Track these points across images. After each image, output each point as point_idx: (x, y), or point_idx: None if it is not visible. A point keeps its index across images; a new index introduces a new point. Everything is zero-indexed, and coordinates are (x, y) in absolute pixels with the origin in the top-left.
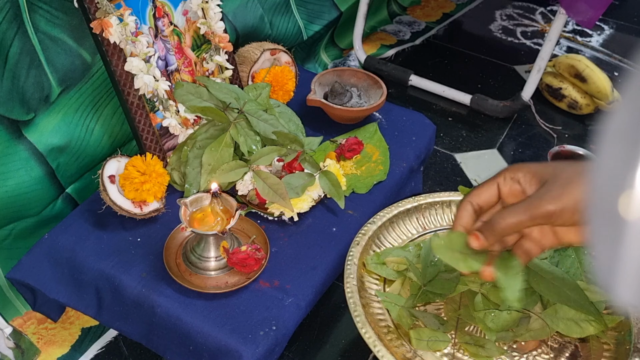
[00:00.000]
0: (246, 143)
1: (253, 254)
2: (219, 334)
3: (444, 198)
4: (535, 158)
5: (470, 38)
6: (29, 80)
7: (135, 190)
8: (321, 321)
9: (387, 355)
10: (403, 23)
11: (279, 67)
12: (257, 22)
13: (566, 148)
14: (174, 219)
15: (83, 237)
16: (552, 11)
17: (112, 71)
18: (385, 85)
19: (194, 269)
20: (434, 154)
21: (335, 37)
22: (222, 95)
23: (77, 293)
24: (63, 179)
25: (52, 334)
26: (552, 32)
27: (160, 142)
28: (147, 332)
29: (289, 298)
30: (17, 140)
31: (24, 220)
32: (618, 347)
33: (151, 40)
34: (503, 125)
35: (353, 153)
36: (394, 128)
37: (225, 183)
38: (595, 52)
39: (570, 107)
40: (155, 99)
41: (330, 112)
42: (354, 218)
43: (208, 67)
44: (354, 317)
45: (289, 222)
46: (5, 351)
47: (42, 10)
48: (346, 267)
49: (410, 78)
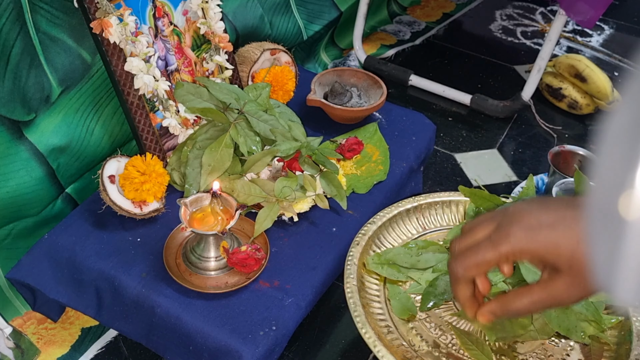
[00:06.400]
0: (246, 144)
1: (253, 254)
2: (219, 334)
3: (444, 198)
4: (535, 158)
5: (470, 38)
6: (30, 81)
7: (135, 190)
8: (321, 321)
9: (387, 356)
10: (403, 23)
11: (279, 67)
12: (257, 22)
13: (566, 148)
14: (174, 219)
15: (83, 237)
16: (552, 11)
17: (112, 71)
18: (385, 85)
19: (194, 269)
20: (434, 154)
21: (335, 37)
22: (222, 96)
23: (77, 293)
24: (63, 179)
25: (52, 334)
26: (552, 32)
27: (160, 142)
28: (147, 332)
29: (289, 298)
30: (18, 140)
31: (23, 220)
32: (618, 347)
33: (151, 40)
34: (503, 125)
35: (353, 153)
36: (394, 128)
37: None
38: (595, 52)
39: (570, 107)
40: (155, 99)
41: (330, 112)
42: (354, 218)
43: (208, 67)
44: (354, 317)
45: (289, 222)
46: (5, 351)
47: (43, 10)
48: (346, 267)
49: (410, 78)
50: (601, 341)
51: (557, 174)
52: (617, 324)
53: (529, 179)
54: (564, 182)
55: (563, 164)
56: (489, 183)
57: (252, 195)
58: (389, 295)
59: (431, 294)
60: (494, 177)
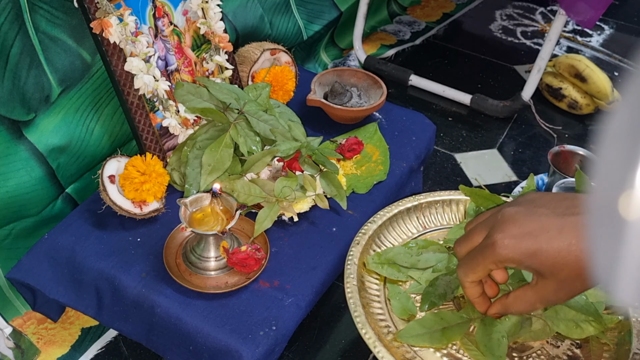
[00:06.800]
0: (246, 144)
1: (253, 254)
2: (219, 334)
3: (444, 197)
4: (535, 158)
5: (470, 38)
6: (30, 81)
7: (135, 190)
8: (321, 321)
9: (387, 356)
10: (403, 23)
11: (279, 67)
12: (257, 22)
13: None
14: (174, 219)
15: (83, 237)
16: (552, 11)
17: (112, 71)
18: (385, 85)
19: (194, 269)
20: (434, 154)
21: (335, 37)
22: (222, 96)
23: (77, 293)
24: (63, 179)
25: (52, 334)
26: (552, 32)
27: (160, 142)
28: (147, 332)
29: (289, 298)
30: (18, 140)
31: (23, 220)
32: (618, 347)
33: (151, 40)
34: (503, 125)
35: (353, 153)
36: (394, 128)
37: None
38: (595, 52)
39: (570, 107)
40: (155, 99)
41: (330, 112)
42: (354, 218)
43: (208, 67)
44: (354, 317)
45: (289, 222)
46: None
47: (42, 10)
48: (346, 267)
49: (410, 78)
50: (601, 341)
51: (557, 173)
52: (616, 324)
53: (529, 179)
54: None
55: (563, 164)
56: (489, 183)
57: (252, 195)
58: (389, 295)
59: (431, 294)
60: (494, 177)
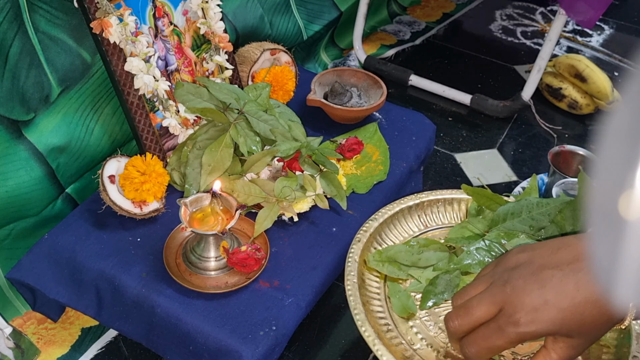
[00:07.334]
0: (246, 143)
1: (253, 254)
2: (219, 334)
3: (445, 196)
4: (535, 158)
5: (470, 38)
6: (29, 80)
7: (135, 190)
8: (321, 321)
9: (387, 354)
10: (403, 23)
11: (279, 67)
12: (257, 22)
13: (566, 148)
14: (174, 219)
15: (83, 237)
16: (552, 11)
17: (112, 71)
18: (385, 85)
19: (194, 269)
20: (434, 154)
21: (335, 37)
22: (222, 96)
23: (77, 293)
24: (63, 179)
25: (52, 334)
26: (552, 32)
27: (160, 142)
28: (147, 332)
29: (289, 298)
30: (17, 140)
31: (23, 220)
32: (617, 349)
33: (151, 40)
34: (503, 125)
35: (353, 153)
36: (394, 128)
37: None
38: (595, 52)
39: (570, 107)
40: (155, 99)
41: (330, 112)
42: (354, 218)
43: (208, 67)
44: (354, 315)
45: (289, 222)
46: (5, 351)
47: (42, 10)
48: (347, 265)
49: (410, 78)
50: (600, 343)
51: (557, 174)
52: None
53: (532, 179)
54: (564, 182)
55: (563, 164)
56: (489, 183)
57: (252, 195)
58: (389, 293)
59: (431, 293)
60: (494, 177)
